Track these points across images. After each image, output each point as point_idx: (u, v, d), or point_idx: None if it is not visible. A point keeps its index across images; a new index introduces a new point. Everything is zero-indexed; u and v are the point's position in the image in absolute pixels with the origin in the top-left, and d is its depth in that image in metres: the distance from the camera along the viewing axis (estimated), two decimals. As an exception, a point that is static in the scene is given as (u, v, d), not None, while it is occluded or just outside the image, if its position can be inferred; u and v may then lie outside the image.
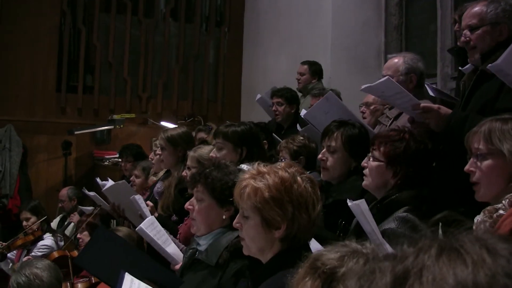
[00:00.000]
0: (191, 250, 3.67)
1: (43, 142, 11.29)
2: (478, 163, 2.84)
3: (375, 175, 3.50)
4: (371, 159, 3.53)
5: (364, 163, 3.59)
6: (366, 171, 3.55)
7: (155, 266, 3.61)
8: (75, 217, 7.97)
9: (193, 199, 3.58)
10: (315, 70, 8.10)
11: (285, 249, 2.72)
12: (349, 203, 3.10)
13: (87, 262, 3.85)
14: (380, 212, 3.36)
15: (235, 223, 2.87)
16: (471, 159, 2.87)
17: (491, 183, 2.83)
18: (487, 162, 2.81)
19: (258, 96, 8.13)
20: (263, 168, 2.78)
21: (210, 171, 3.53)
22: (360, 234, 3.05)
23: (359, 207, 3.07)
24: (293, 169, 2.76)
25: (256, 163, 2.86)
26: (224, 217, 3.48)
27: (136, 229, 4.47)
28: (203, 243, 3.52)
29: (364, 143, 3.93)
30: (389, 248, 2.80)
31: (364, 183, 3.57)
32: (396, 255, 1.09)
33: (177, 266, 4.16)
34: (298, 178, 2.72)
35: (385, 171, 3.46)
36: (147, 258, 3.80)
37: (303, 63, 8.19)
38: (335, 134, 4.11)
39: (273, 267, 2.70)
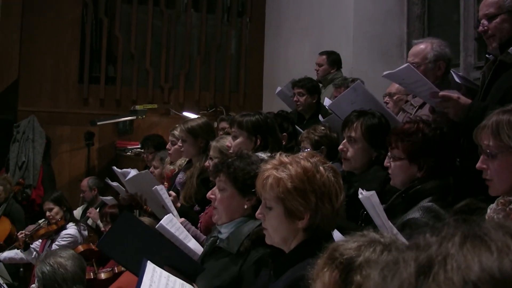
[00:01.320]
0: (212, 238, 3.69)
1: (66, 132, 11.37)
2: (489, 161, 2.79)
3: (400, 173, 3.47)
4: (391, 159, 3.53)
5: (386, 163, 3.58)
6: (390, 171, 3.55)
7: (178, 252, 3.63)
8: (93, 212, 8.00)
9: (215, 189, 3.61)
10: (333, 60, 8.08)
11: (308, 239, 2.73)
12: (360, 195, 3.09)
13: (109, 247, 3.86)
14: (405, 202, 3.36)
15: (257, 214, 2.89)
16: (482, 156, 2.83)
17: (503, 180, 2.80)
18: (497, 161, 2.76)
19: (278, 89, 8.13)
20: (285, 158, 2.79)
21: (233, 161, 3.56)
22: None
23: (369, 200, 3.04)
24: (315, 159, 2.77)
25: (279, 153, 2.86)
26: (245, 206, 3.50)
27: (156, 226, 4.50)
28: (224, 231, 3.55)
29: (384, 132, 3.89)
30: (404, 240, 2.81)
31: (391, 182, 3.56)
32: (419, 244, 1.09)
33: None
34: (321, 167, 2.73)
35: (409, 167, 3.44)
36: (170, 245, 3.82)
37: (321, 53, 8.17)
38: (354, 124, 4.10)
39: (296, 256, 2.71)
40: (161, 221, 4.39)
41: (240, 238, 3.42)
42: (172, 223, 4.40)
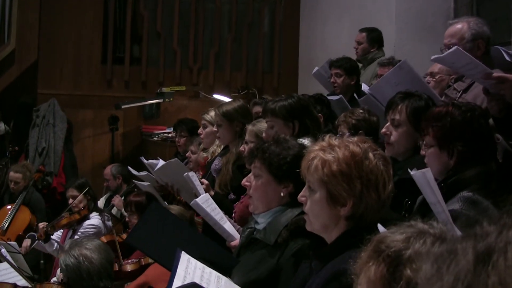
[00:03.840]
0: (248, 229, 3.69)
1: (89, 117, 11.46)
2: None
3: (433, 162, 3.44)
4: (425, 147, 3.50)
5: (422, 152, 3.56)
6: (425, 160, 3.53)
7: (210, 245, 3.65)
8: (118, 199, 8.04)
9: (250, 175, 3.62)
10: (374, 37, 8.03)
11: (351, 229, 2.73)
12: (412, 172, 3.07)
13: (138, 240, 3.89)
14: (443, 193, 3.34)
15: (299, 197, 2.89)
16: None
17: None
18: None
19: (315, 69, 8.09)
20: (334, 141, 2.80)
21: (268, 146, 3.57)
22: (426, 213, 3.04)
23: (424, 176, 3.01)
24: (366, 145, 2.76)
25: (328, 136, 2.86)
26: (282, 194, 3.50)
27: (191, 203, 4.53)
28: (261, 222, 3.56)
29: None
30: (452, 223, 2.79)
31: None
32: (476, 233, 1.10)
33: (233, 243, 4.22)
34: (370, 154, 2.73)
35: (440, 155, 3.41)
36: (201, 237, 3.84)
37: (361, 30, 8.12)
38: (399, 107, 4.06)
39: (338, 247, 2.71)
40: (196, 199, 4.41)
41: (278, 228, 3.42)
42: (208, 203, 4.42)
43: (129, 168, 6.82)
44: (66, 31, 11.36)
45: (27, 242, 7.85)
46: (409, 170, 3.11)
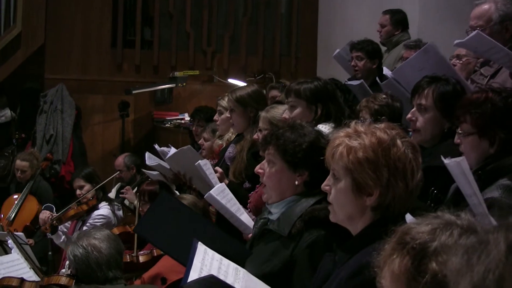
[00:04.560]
0: (262, 220, 3.69)
1: (98, 102, 11.47)
2: None
3: (471, 150, 3.44)
4: (461, 135, 3.48)
5: (456, 139, 3.54)
6: (461, 149, 3.50)
7: (222, 236, 3.65)
8: (129, 192, 7.94)
9: (264, 162, 3.61)
10: (398, 19, 8.00)
11: (377, 221, 2.71)
12: (446, 161, 3.05)
13: (148, 232, 3.89)
14: (481, 181, 3.31)
15: (323, 186, 2.88)
16: None
17: None
18: None
19: (336, 51, 8.06)
20: (360, 127, 2.78)
21: (283, 132, 3.55)
22: (459, 203, 3.01)
23: (459, 165, 3.00)
24: (394, 131, 2.75)
25: (354, 122, 2.85)
26: (296, 182, 3.49)
27: (205, 196, 4.52)
28: (275, 212, 3.55)
29: (458, 101, 3.85)
30: (489, 214, 2.77)
31: None
32: (508, 224, 1.11)
33: (251, 235, 4.22)
34: (398, 141, 2.71)
35: (480, 143, 3.40)
36: (212, 227, 3.84)
37: (385, 12, 8.10)
38: (426, 91, 4.04)
39: (364, 239, 2.69)
40: (210, 191, 4.40)
41: (292, 219, 3.42)
42: (224, 194, 4.42)
43: (148, 153, 6.65)
44: (74, 13, 11.37)
45: (45, 214, 7.76)
46: (442, 158, 3.09)
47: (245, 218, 4.39)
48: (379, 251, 1.98)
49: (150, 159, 6.32)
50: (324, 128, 4.56)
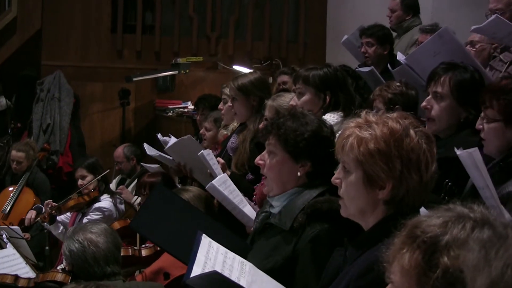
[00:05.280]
0: (263, 214, 3.70)
1: (97, 90, 11.49)
2: None
3: (495, 138, 3.43)
4: (485, 120, 3.46)
5: (478, 125, 3.52)
6: (483, 135, 3.49)
7: (220, 230, 3.65)
8: (124, 192, 7.90)
9: (264, 153, 3.61)
10: (408, 4, 7.99)
11: (391, 215, 2.69)
12: (459, 152, 3.04)
13: (144, 227, 3.89)
14: (503, 172, 3.31)
15: (333, 179, 2.86)
16: None
17: None
18: None
19: (345, 37, 8.05)
20: (371, 117, 2.76)
21: (284, 121, 3.55)
22: (477, 196, 3.00)
23: (471, 156, 3.01)
24: (406, 121, 2.72)
25: (365, 111, 2.83)
26: (298, 174, 3.50)
27: (207, 187, 4.52)
28: (276, 205, 3.55)
29: (476, 90, 3.83)
30: (502, 208, 2.77)
31: (484, 150, 3.50)
32: None
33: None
34: (411, 131, 2.69)
35: (505, 130, 3.40)
36: (211, 221, 3.84)
37: (395, -4, 8.08)
38: (442, 78, 4.02)
39: (376, 235, 2.66)
40: (212, 181, 4.40)
41: (294, 212, 3.42)
42: (226, 185, 4.41)
43: (146, 144, 6.65)
44: (73, -3, 11.38)
45: (31, 214, 7.81)
46: (455, 149, 3.08)
47: (248, 210, 4.39)
48: (388, 246, 1.97)
49: (150, 150, 6.33)
50: (332, 117, 4.56)
